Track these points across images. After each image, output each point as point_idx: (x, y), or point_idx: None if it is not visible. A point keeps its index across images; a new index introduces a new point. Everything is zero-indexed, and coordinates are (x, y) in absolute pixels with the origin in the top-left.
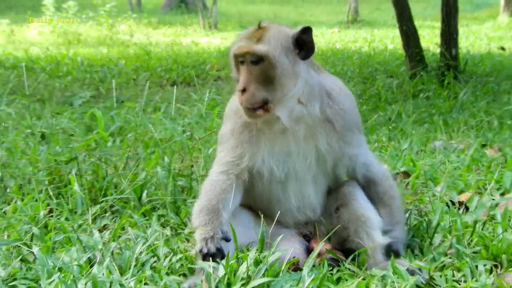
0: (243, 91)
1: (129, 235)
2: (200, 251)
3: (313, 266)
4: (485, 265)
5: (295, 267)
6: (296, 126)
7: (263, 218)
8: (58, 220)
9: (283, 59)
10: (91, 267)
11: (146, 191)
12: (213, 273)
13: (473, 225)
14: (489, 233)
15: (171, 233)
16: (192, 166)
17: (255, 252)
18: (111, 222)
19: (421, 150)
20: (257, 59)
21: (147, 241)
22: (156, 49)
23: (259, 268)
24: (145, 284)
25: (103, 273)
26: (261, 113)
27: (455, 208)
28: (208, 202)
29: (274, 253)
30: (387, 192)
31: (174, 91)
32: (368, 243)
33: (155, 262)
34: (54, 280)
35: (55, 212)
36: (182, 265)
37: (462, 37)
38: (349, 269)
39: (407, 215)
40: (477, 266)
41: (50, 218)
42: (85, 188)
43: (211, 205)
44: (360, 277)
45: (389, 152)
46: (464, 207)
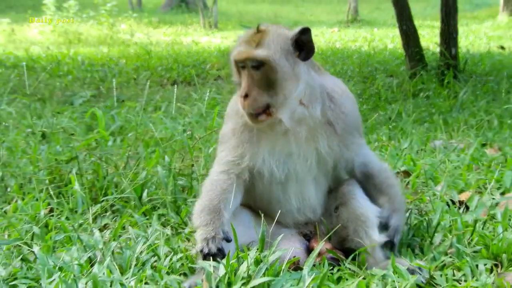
0: (245, 96)
1: (129, 235)
2: (201, 251)
3: (314, 265)
4: (485, 265)
5: (296, 266)
6: (298, 127)
7: (263, 218)
8: (58, 219)
9: (283, 63)
10: (92, 266)
11: (146, 190)
12: (214, 272)
13: (473, 224)
14: (489, 233)
15: (171, 232)
16: (193, 165)
17: (256, 252)
18: (111, 221)
19: (421, 150)
20: (257, 64)
21: (148, 240)
22: (156, 48)
23: (259, 268)
24: (145, 283)
25: (104, 272)
26: (264, 118)
27: (455, 207)
28: (210, 202)
29: (274, 252)
30: (385, 181)
31: (175, 90)
32: (367, 242)
33: (156, 261)
34: (54, 279)
35: (56, 212)
36: (182, 264)
37: (462, 37)
38: (350, 268)
39: (407, 214)
40: (477, 266)
41: (51, 218)
42: (85, 188)
43: (213, 205)
44: (360, 276)
45: (389, 151)
46: (464, 206)
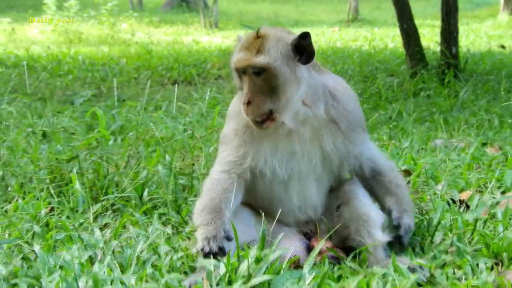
0: (248, 103)
1: (130, 234)
2: (202, 250)
3: (314, 264)
4: (486, 263)
5: (296, 265)
6: (302, 128)
7: (264, 217)
8: (59, 218)
9: (284, 68)
10: (92, 265)
11: (147, 189)
12: (214, 271)
13: (474, 223)
14: (490, 231)
15: (172, 231)
16: (193, 164)
17: (256, 250)
18: (112, 220)
19: (422, 149)
20: (258, 71)
21: (148, 239)
22: (157, 48)
23: (260, 266)
24: (146, 282)
25: (104, 271)
26: (268, 125)
27: (456, 206)
28: (211, 201)
29: (275, 251)
30: (393, 181)
31: (175, 89)
32: (369, 241)
33: (156, 260)
34: (55, 278)
35: (56, 211)
36: (183, 263)
37: (462, 36)
38: (350, 267)
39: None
40: (478, 264)
41: (51, 217)
42: (86, 187)
43: (214, 204)
44: (361, 275)
45: (390, 150)
46: (465, 205)
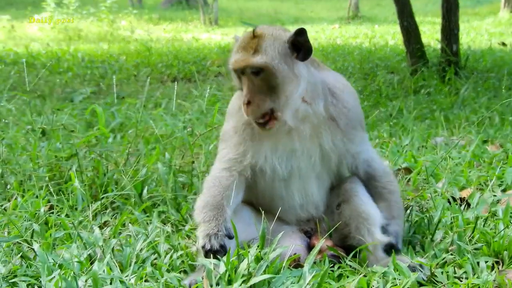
0: (248, 103)
1: (129, 232)
2: (203, 247)
3: (314, 262)
4: (486, 262)
5: (296, 263)
6: (301, 125)
7: (264, 215)
8: (58, 216)
9: (282, 67)
10: (92, 263)
11: (146, 187)
12: (214, 269)
13: (474, 221)
14: (490, 230)
15: (171, 229)
16: (193, 162)
17: (256, 249)
18: (111, 218)
19: (422, 146)
20: (257, 71)
21: (148, 237)
22: (156, 45)
23: (260, 265)
24: (145, 281)
25: (104, 269)
26: (271, 125)
27: (456, 204)
28: (213, 198)
29: (275, 249)
30: (386, 187)
31: (175, 87)
32: (369, 240)
33: (156, 259)
34: (54, 277)
35: (56, 209)
36: (183, 261)
37: (463, 33)
38: (350, 266)
39: (408, 211)
40: (478, 263)
41: (51, 215)
42: (85, 185)
43: (216, 201)
44: (361, 273)
45: (390, 148)
46: (465, 203)
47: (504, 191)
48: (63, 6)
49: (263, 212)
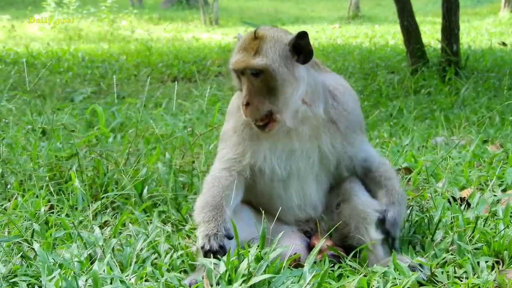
0: (247, 104)
1: (130, 232)
2: (202, 247)
3: (314, 262)
4: (486, 262)
5: (296, 263)
6: (301, 126)
7: (264, 215)
8: (58, 216)
9: (282, 69)
10: (92, 263)
11: (147, 187)
12: (214, 269)
13: (474, 221)
14: (490, 230)
15: (172, 229)
16: (193, 162)
17: (256, 249)
18: (111, 218)
19: (423, 146)
20: (256, 72)
21: (148, 237)
22: (157, 44)
23: (260, 265)
24: (146, 280)
25: (104, 269)
26: (271, 127)
27: (456, 204)
28: (212, 199)
29: (275, 249)
30: (383, 174)
31: (175, 86)
32: (368, 239)
33: (156, 258)
34: (54, 276)
35: (56, 209)
36: (183, 261)
37: (463, 33)
38: (350, 265)
39: (408, 211)
40: (478, 263)
41: (51, 215)
42: (85, 184)
43: (215, 202)
44: (361, 273)
45: (390, 148)
46: (465, 203)
47: (504, 191)
48: (64, 6)
49: (263, 212)
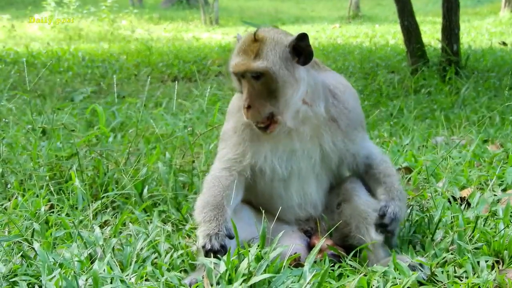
0: (248, 107)
1: (130, 231)
2: (204, 247)
3: (315, 262)
4: (486, 261)
5: (297, 263)
6: (302, 126)
7: (264, 214)
8: (59, 216)
9: (283, 71)
10: (92, 263)
11: (147, 186)
12: (214, 269)
13: (474, 221)
14: (490, 229)
15: (172, 229)
16: (193, 161)
17: (257, 248)
18: (112, 218)
19: (423, 146)
20: (257, 75)
21: (148, 237)
22: (157, 44)
23: (260, 264)
24: (146, 280)
25: (104, 269)
26: (272, 129)
27: (456, 204)
28: (213, 198)
29: (275, 249)
30: (383, 171)
31: (176, 86)
32: (368, 239)
33: (156, 258)
34: (55, 276)
35: (56, 208)
36: (183, 261)
37: (464, 33)
38: (351, 265)
39: (408, 211)
40: (478, 262)
41: (51, 214)
42: (86, 184)
43: (216, 201)
44: (361, 273)
45: (390, 147)
46: (466, 203)
47: (504, 190)
48: (64, 6)
49: (263, 211)
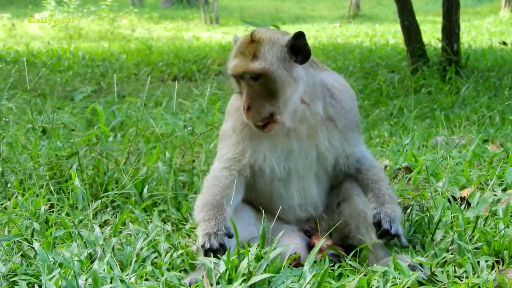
0: (248, 108)
1: (130, 231)
2: (203, 246)
3: (314, 262)
4: (487, 261)
5: (297, 263)
6: (299, 126)
7: (264, 214)
8: (59, 215)
9: (281, 71)
10: (92, 262)
11: (147, 186)
12: (214, 268)
13: (474, 220)
14: (491, 229)
15: (172, 228)
16: (193, 161)
17: (256, 248)
18: (112, 217)
19: (423, 146)
20: (255, 76)
21: (148, 236)
22: (157, 43)
23: (260, 264)
24: (146, 280)
25: (104, 268)
26: (270, 128)
27: (456, 203)
28: (212, 197)
29: (275, 249)
30: (371, 177)
31: (176, 85)
32: (367, 239)
33: (156, 257)
34: (54, 275)
35: (56, 208)
36: (183, 260)
37: (464, 32)
38: (351, 265)
39: (408, 210)
40: (478, 262)
41: (51, 214)
42: (86, 183)
43: (215, 200)
44: (361, 273)
45: (390, 147)
46: (466, 202)
47: (504, 190)
48: (64, 5)
49: (263, 211)
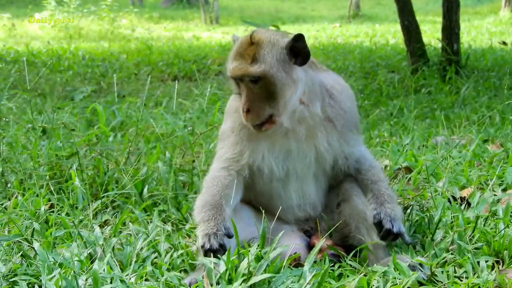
0: (247, 111)
1: (130, 231)
2: (202, 246)
3: (314, 262)
4: (487, 261)
5: (296, 263)
6: (298, 126)
7: (264, 214)
8: (59, 215)
9: (280, 74)
10: (92, 262)
11: (147, 186)
12: (214, 269)
13: (474, 220)
14: (491, 229)
15: (172, 228)
16: (194, 161)
17: (256, 248)
18: (112, 217)
19: (423, 146)
20: (255, 79)
21: (148, 236)
22: (157, 43)
23: (260, 264)
24: (146, 280)
25: (104, 269)
26: (268, 127)
27: (457, 203)
28: (212, 198)
29: (275, 249)
30: (370, 178)
31: (176, 85)
32: (368, 239)
33: (156, 258)
34: (54, 276)
35: (56, 208)
36: (183, 261)
37: (464, 32)
38: (351, 265)
39: (408, 210)
40: (478, 262)
41: (51, 214)
42: (86, 183)
43: (215, 201)
44: (361, 273)
45: (390, 147)
46: (466, 202)
47: (504, 190)
48: (64, 5)
49: (263, 211)
